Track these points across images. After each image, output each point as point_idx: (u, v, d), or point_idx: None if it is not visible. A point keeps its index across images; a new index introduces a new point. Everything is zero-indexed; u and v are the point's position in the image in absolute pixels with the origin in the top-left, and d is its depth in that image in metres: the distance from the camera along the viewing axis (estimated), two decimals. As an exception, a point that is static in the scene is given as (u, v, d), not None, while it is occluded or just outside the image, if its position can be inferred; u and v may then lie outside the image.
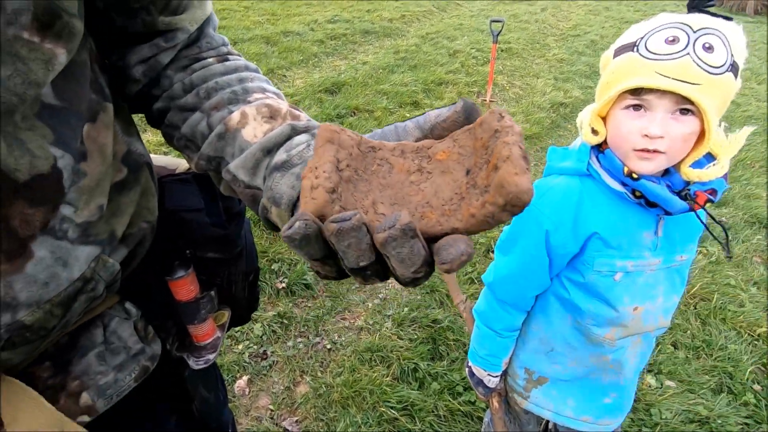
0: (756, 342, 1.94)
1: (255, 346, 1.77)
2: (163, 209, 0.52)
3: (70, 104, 0.36)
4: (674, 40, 0.65)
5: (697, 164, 0.73)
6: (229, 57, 0.49)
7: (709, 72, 0.63)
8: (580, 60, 5.70)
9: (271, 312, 1.91)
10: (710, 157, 0.73)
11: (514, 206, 0.26)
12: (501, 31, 3.93)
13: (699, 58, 0.63)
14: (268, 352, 1.75)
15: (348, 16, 6.37)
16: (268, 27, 5.47)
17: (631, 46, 0.69)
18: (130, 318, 0.49)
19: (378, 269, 0.29)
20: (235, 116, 0.42)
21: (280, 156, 0.40)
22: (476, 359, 1.01)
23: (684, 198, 0.71)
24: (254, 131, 0.42)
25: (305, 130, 0.42)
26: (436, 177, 0.31)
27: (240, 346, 1.77)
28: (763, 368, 1.84)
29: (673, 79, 0.64)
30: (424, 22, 6.86)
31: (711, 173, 0.70)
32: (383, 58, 4.99)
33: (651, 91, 0.66)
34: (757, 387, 1.74)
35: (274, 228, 0.42)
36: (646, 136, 0.68)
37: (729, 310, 2.07)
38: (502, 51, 5.70)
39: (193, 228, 0.53)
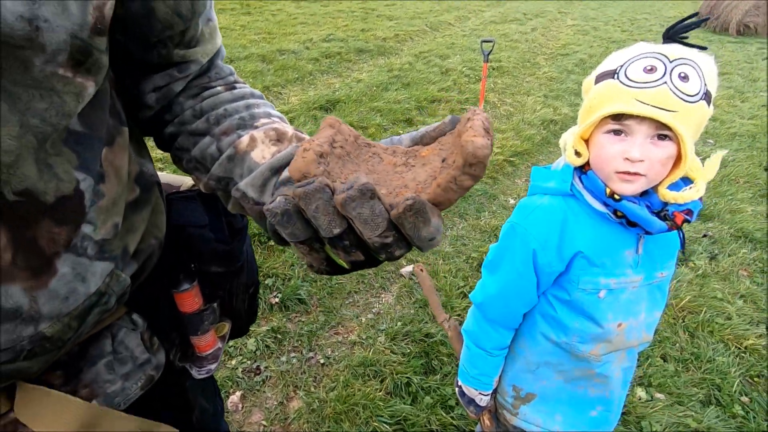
0: (743, 354, 1.98)
1: (248, 362, 1.78)
2: (170, 225, 0.54)
3: (93, 130, 0.39)
4: (652, 69, 0.69)
5: (674, 186, 0.77)
6: (236, 85, 0.53)
7: (684, 100, 0.67)
8: (570, 78, 5.84)
9: (264, 327, 1.91)
10: (686, 179, 0.78)
11: (472, 164, 0.28)
12: (491, 50, 4.03)
13: (675, 87, 0.67)
14: (262, 367, 1.76)
15: (342, 35, 6.50)
16: (264, 45, 5.56)
17: (612, 74, 0.73)
18: (137, 329, 0.51)
19: (353, 239, 0.31)
20: (245, 140, 0.46)
21: (286, 173, 0.43)
22: (467, 379, 1.01)
23: (663, 218, 0.75)
24: (262, 153, 0.45)
25: None
26: (418, 168, 0.35)
27: (233, 362, 1.77)
28: (750, 380, 1.87)
29: (651, 106, 0.67)
30: (417, 41, 7.01)
31: (687, 196, 0.74)
32: (377, 76, 5.08)
33: (631, 116, 0.70)
34: (745, 399, 1.77)
35: (283, 243, 0.45)
36: (628, 159, 0.71)
37: (716, 323, 2.11)
38: (493, 69, 5.83)
39: (198, 243, 0.56)
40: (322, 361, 1.81)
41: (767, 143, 4.23)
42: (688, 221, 0.75)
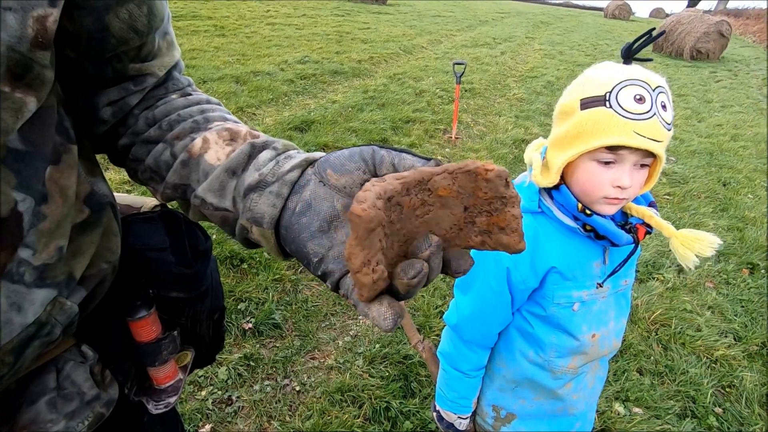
0: (714, 365, 2.02)
1: (219, 392, 1.69)
2: (127, 248, 0.51)
3: (35, 148, 0.36)
4: (641, 99, 0.70)
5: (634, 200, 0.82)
6: (192, 93, 0.51)
7: (667, 129, 0.71)
8: (539, 99, 6.05)
9: (237, 354, 1.83)
10: (646, 195, 0.84)
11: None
12: (463, 72, 4.14)
13: (662, 118, 0.70)
14: (234, 398, 1.67)
15: (317, 57, 6.56)
16: (238, 67, 5.55)
17: (602, 101, 0.72)
18: (86, 362, 0.47)
19: None
20: (198, 142, 0.44)
21: (251, 176, 0.41)
22: (445, 403, 0.98)
23: (628, 231, 0.78)
24: (217, 154, 0.43)
25: (264, 146, 0.44)
26: (437, 209, 0.35)
27: (203, 392, 1.68)
28: (722, 390, 1.90)
29: (647, 138, 0.69)
30: (392, 64, 7.15)
31: (646, 212, 0.79)
32: (352, 97, 5.13)
33: (626, 147, 0.71)
34: (718, 410, 1.80)
35: (254, 246, 0.44)
36: (619, 186, 0.73)
37: (687, 335, 2.16)
38: (465, 91, 5.98)
39: (157, 267, 0.53)
40: (297, 388, 1.74)
41: (724, 160, 4.45)
42: (649, 232, 0.79)
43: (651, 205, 0.84)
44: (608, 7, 23.89)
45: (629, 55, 0.77)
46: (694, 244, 0.76)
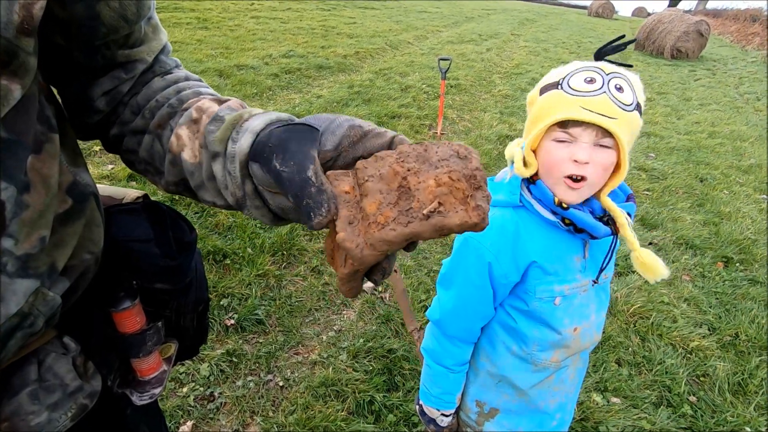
0: (689, 355, 2.09)
1: (201, 388, 1.68)
2: (110, 240, 0.51)
3: (18, 136, 0.36)
4: (592, 81, 0.74)
5: (614, 196, 0.83)
6: (174, 71, 0.52)
7: (622, 108, 0.73)
8: (523, 96, 6.11)
9: (219, 350, 1.82)
10: (624, 188, 0.85)
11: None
12: (449, 68, 4.16)
13: (614, 96, 0.73)
14: (216, 394, 1.66)
15: (302, 51, 6.50)
16: (222, 60, 5.47)
17: (555, 85, 0.77)
18: (68, 353, 0.47)
19: None
20: (174, 141, 0.47)
21: (228, 196, 0.45)
22: (429, 399, 0.99)
23: (606, 223, 0.79)
24: (192, 152, 0.46)
25: (213, 151, 0.45)
26: (424, 173, 0.41)
27: (185, 389, 1.66)
28: (696, 380, 1.97)
29: (595, 113, 0.72)
30: (377, 59, 7.13)
31: (623, 221, 0.81)
32: (338, 91, 5.11)
33: (576, 124, 0.74)
34: (692, 398, 1.86)
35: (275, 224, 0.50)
36: (575, 161, 0.75)
37: (664, 326, 2.22)
38: (451, 87, 6.01)
39: (141, 258, 0.52)
40: (281, 383, 1.74)
41: (701, 157, 4.57)
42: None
43: (629, 198, 0.86)
44: (592, 5, 24.20)
45: (599, 57, 0.81)
46: (645, 270, 0.80)
